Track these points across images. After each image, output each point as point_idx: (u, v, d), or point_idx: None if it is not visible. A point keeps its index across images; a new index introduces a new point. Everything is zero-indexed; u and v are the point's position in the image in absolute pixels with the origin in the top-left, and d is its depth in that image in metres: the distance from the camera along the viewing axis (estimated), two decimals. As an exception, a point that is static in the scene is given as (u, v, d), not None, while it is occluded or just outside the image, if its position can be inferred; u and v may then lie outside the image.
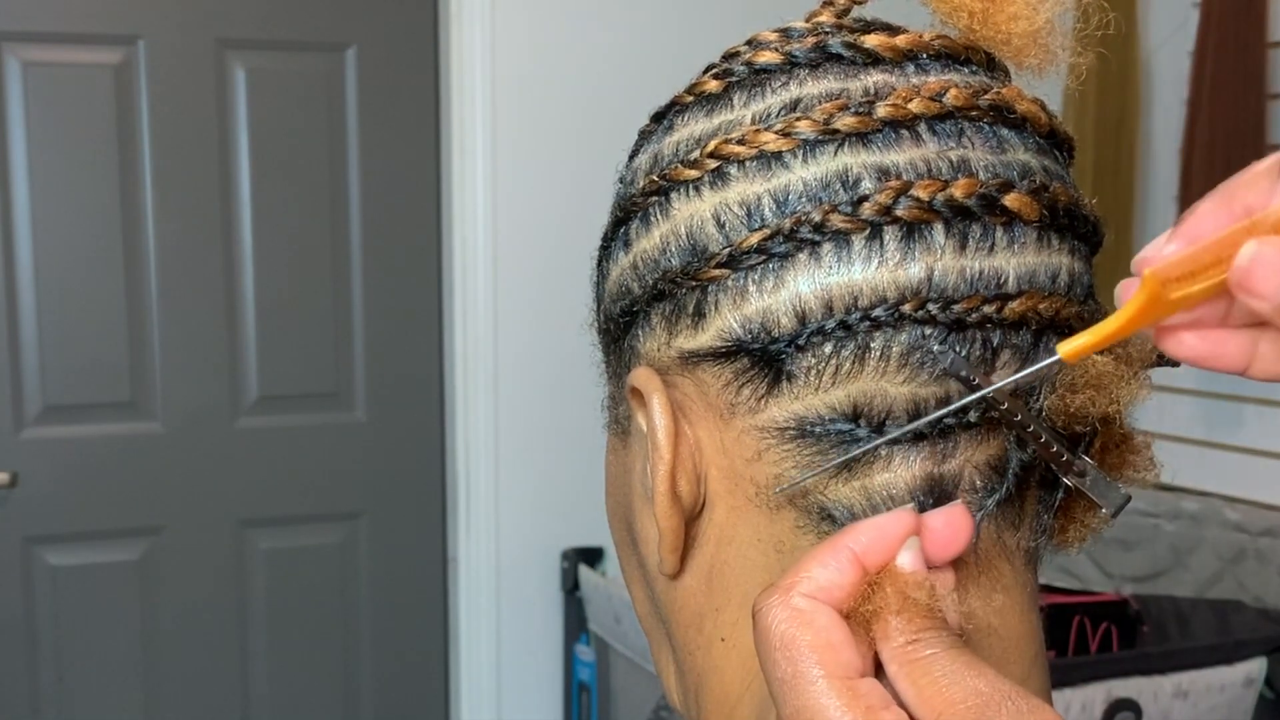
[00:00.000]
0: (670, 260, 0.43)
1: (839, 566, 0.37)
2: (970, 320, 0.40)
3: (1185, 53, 2.30)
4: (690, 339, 0.43)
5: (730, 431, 0.43)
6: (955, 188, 0.40)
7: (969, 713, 0.34)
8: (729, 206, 0.42)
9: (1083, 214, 0.43)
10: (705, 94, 0.45)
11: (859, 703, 0.35)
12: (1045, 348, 0.41)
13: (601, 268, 0.48)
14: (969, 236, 0.41)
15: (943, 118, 0.42)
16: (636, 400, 0.45)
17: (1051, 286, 0.42)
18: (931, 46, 0.44)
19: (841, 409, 0.41)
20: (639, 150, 0.47)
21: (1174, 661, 1.71)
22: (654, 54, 2.31)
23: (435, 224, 2.36)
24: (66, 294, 2.17)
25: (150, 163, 2.18)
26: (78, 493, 2.21)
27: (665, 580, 0.46)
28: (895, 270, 0.40)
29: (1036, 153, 0.43)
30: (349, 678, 2.41)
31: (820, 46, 0.43)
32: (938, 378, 0.40)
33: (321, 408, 2.33)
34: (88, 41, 2.15)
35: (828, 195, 0.41)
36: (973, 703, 0.34)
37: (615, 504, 0.50)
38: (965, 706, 0.34)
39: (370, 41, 2.29)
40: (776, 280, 0.41)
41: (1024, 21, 0.44)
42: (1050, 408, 0.41)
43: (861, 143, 0.41)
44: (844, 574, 0.37)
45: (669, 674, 0.50)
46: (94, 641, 2.25)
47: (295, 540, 2.35)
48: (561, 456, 2.35)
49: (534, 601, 2.38)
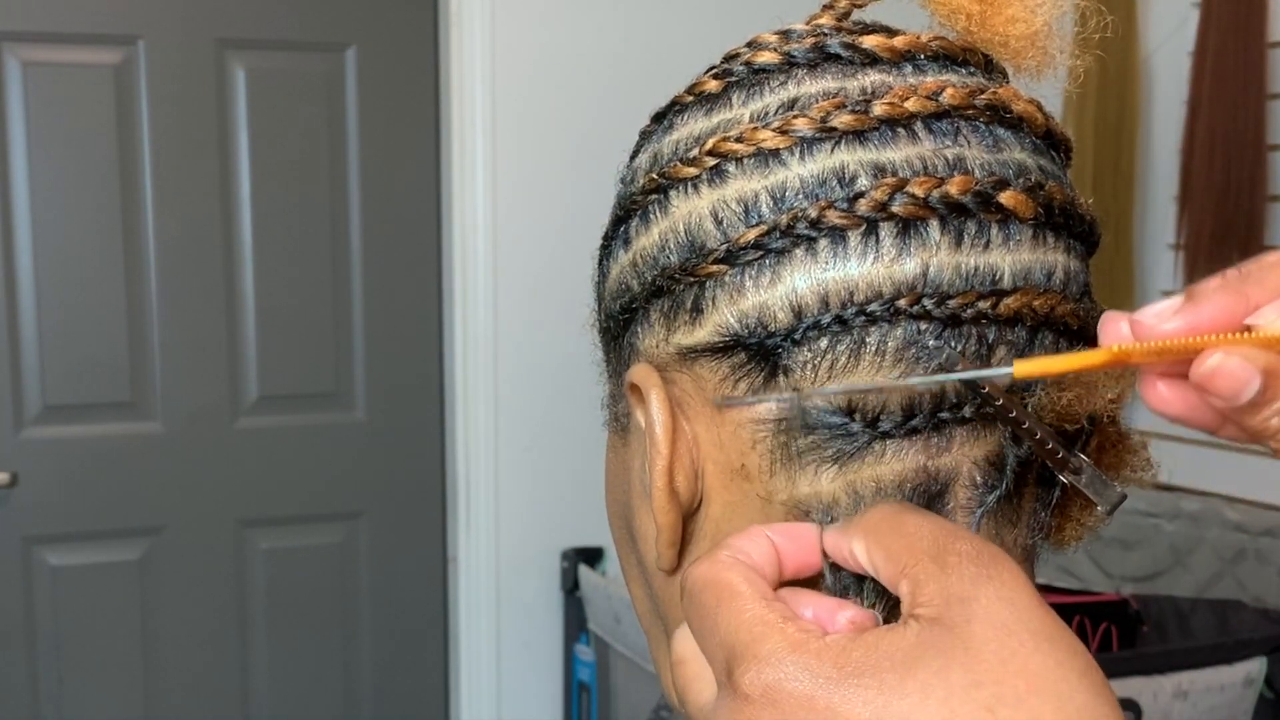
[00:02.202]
0: (669, 257, 0.44)
1: (758, 542, 0.40)
2: (965, 316, 0.40)
3: (1185, 53, 2.30)
4: (688, 335, 0.43)
5: (726, 425, 0.43)
6: (951, 185, 0.40)
7: (929, 548, 0.36)
8: (727, 203, 0.42)
9: (1079, 213, 0.44)
10: (705, 94, 0.45)
11: (779, 606, 0.37)
12: (1040, 345, 0.42)
13: (602, 266, 0.49)
14: (964, 233, 0.41)
15: (939, 116, 0.42)
16: (635, 397, 0.45)
17: (1047, 283, 0.42)
18: (929, 48, 0.44)
19: (836, 403, 0.41)
20: (639, 150, 0.48)
21: (1174, 661, 1.71)
22: (653, 54, 2.31)
23: (435, 224, 2.36)
24: (66, 294, 2.17)
25: (150, 163, 2.18)
26: (78, 493, 2.21)
27: (664, 576, 0.46)
28: (891, 266, 0.40)
29: (1032, 152, 0.43)
30: (349, 678, 2.41)
31: (819, 47, 0.44)
32: (933, 373, 0.40)
33: (321, 408, 2.33)
34: (88, 41, 2.15)
35: (824, 192, 0.41)
36: (928, 540, 0.36)
37: (614, 501, 0.50)
38: (923, 546, 0.36)
39: (370, 41, 2.29)
40: (773, 276, 0.41)
41: (1021, 24, 0.44)
42: (1039, 404, 0.41)
43: (858, 140, 0.42)
44: (762, 547, 0.40)
45: (667, 671, 0.50)
46: (94, 641, 2.25)
47: (295, 540, 2.35)
48: (561, 456, 2.35)
49: (534, 601, 2.38)
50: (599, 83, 2.31)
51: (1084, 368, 0.37)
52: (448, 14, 2.27)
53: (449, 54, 2.27)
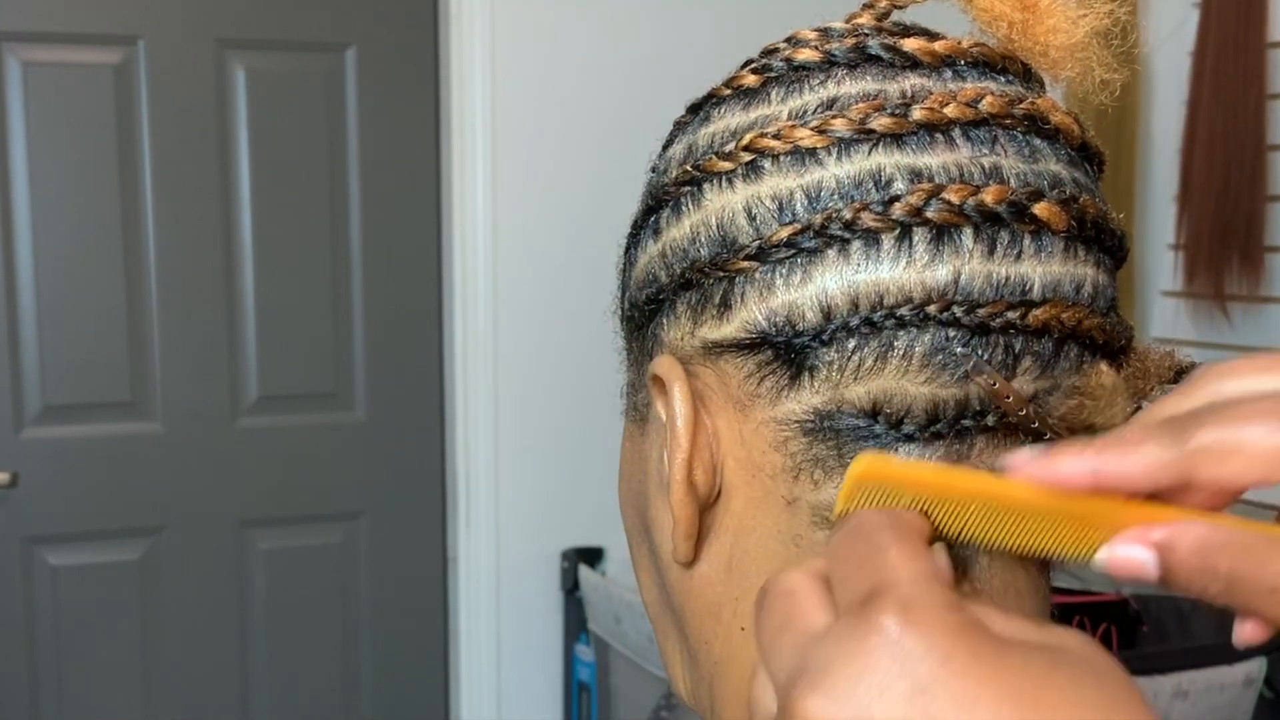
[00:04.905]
0: (699, 250, 0.44)
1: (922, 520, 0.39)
2: (994, 325, 0.40)
3: (1185, 53, 2.30)
4: (715, 329, 0.43)
5: (749, 423, 0.43)
6: (986, 193, 0.41)
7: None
8: (761, 200, 0.42)
9: (1110, 228, 0.44)
10: (743, 88, 0.45)
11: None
12: (1066, 357, 0.42)
13: (629, 255, 0.49)
14: (997, 242, 0.41)
15: (977, 124, 0.42)
16: (657, 388, 0.45)
17: (1075, 296, 0.42)
18: (969, 54, 0.44)
19: (861, 405, 0.41)
20: (673, 140, 0.48)
21: (1174, 661, 1.71)
22: (654, 54, 2.31)
23: (435, 224, 2.36)
24: (66, 294, 2.17)
25: (150, 163, 2.18)
26: (78, 493, 2.21)
27: (679, 569, 0.46)
28: (923, 271, 0.40)
29: (1068, 164, 0.44)
30: (349, 678, 2.41)
31: (859, 47, 0.44)
32: (959, 380, 0.41)
33: (321, 408, 2.33)
34: (88, 41, 2.15)
35: (860, 194, 0.41)
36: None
37: (629, 490, 0.50)
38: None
39: (370, 41, 2.29)
40: (804, 275, 0.41)
41: (1063, 35, 0.44)
42: (1061, 415, 0.42)
43: (896, 144, 0.42)
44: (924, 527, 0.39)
45: (677, 664, 0.50)
46: (94, 641, 2.24)
47: (295, 540, 2.34)
48: (561, 456, 2.35)
49: (534, 601, 2.38)
50: (599, 83, 2.31)
51: (941, 488, 0.38)
52: (448, 14, 2.27)
53: (449, 54, 2.27)
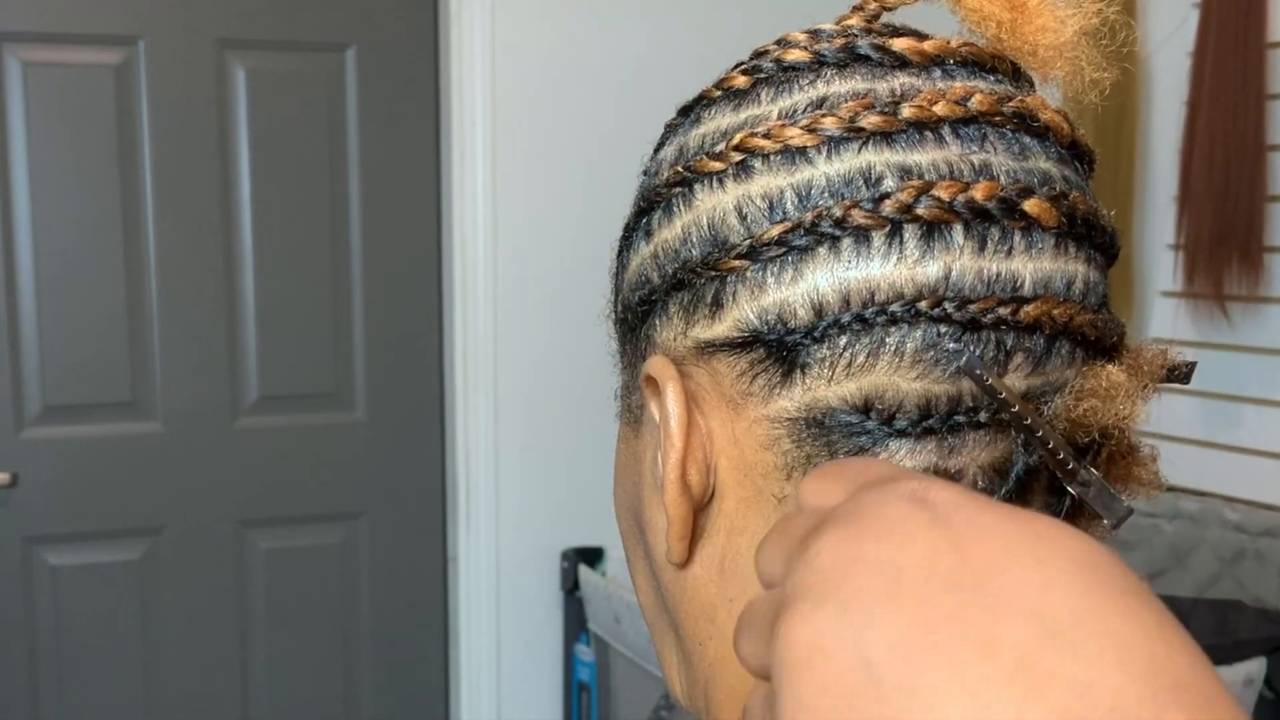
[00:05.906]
0: (691, 250, 0.44)
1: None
2: (985, 321, 0.41)
3: (1185, 53, 2.30)
4: (707, 329, 0.43)
5: (742, 422, 0.43)
6: (976, 190, 0.41)
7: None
8: (751, 199, 0.43)
9: (1100, 224, 0.44)
10: (733, 89, 0.45)
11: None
12: (1057, 353, 0.42)
13: (621, 257, 0.49)
14: (988, 239, 0.41)
15: (966, 122, 0.42)
16: (650, 389, 0.45)
17: (1066, 293, 0.42)
18: (958, 53, 0.44)
19: (853, 401, 0.41)
20: (665, 142, 0.48)
21: (1174, 661, 1.71)
22: (654, 54, 2.31)
23: (435, 224, 2.36)
24: (66, 294, 2.17)
25: (150, 163, 2.18)
26: (78, 493, 2.21)
27: (674, 571, 0.46)
28: (914, 268, 0.41)
29: (1057, 162, 0.44)
30: (349, 678, 2.41)
31: (848, 48, 0.44)
32: (951, 375, 0.41)
33: (321, 408, 2.33)
34: (88, 41, 2.15)
35: (850, 191, 0.41)
36: None
37: (623, 493, 0.50)
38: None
39: (370, 41, 2.29)
40: (795, 273, 0.41)
41: (1051, 34, 0.45)
42: (1055, 412, 0.42)
43: (885, 142, 0.42)
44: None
45: (672, 666, 0.50)
46: (94, 641, 2.25)
47: (295, 540, 2.35)
48: (561, 456, 2.35)
49: (534, 601, 2.38)
50: (599, 83, 2.31)
51: None
52: (448, 14, 2.27)
53: (449, 54, 2.27)
